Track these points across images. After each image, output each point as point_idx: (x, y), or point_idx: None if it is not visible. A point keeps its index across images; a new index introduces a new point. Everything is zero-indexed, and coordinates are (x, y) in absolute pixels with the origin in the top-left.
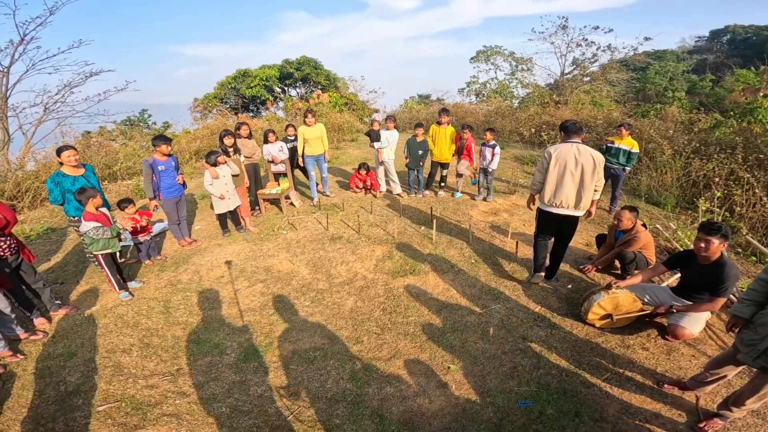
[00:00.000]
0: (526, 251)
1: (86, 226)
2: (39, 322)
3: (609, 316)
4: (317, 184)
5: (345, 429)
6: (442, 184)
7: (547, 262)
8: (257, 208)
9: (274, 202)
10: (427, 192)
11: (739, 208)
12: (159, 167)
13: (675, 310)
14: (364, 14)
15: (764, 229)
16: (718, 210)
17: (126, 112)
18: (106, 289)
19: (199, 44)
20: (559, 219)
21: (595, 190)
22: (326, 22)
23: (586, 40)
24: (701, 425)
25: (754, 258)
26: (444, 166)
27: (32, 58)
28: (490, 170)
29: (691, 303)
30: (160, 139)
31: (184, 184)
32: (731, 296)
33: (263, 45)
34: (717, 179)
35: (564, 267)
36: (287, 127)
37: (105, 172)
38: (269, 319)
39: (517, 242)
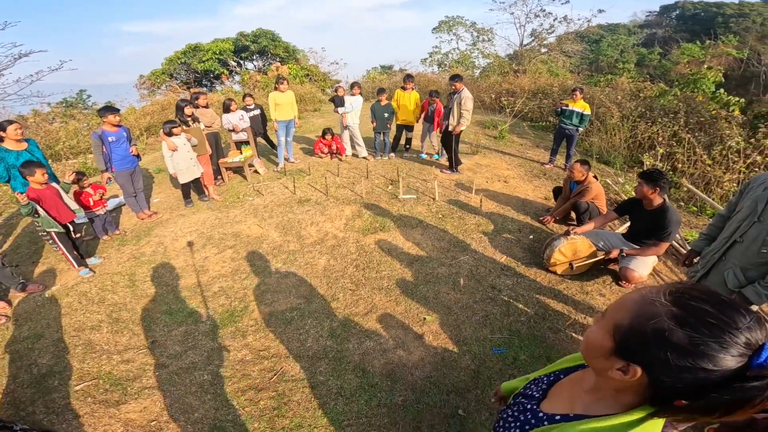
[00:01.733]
0: (490, 206)
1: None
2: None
3: (569, 263)
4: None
5: (329, 385)
6: (408, 146)
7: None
8: (220, 177)
9: (238, 170)
10: (393, 155)
11: (680, 165)
12: (109, 138)
13: (626, 254)
14: None
15: (704, 184)
16: (661, 165)
17: (62, 93)
18: (64, 268)
19: (143, 21)
20: None
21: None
22: None
23: (544, 10)
24: None
25: (695, 208)
26: (409, 129)
27: None
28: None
29: (639, 248)
30: (107, 109)
31: (138, 156)
32: (675, 243)
33: (217, 19)
34: (661, 140)
35: (525, 219)
36: (245, 96)
37: (46, 152)
38: (242, 283)
39: (481, 198)
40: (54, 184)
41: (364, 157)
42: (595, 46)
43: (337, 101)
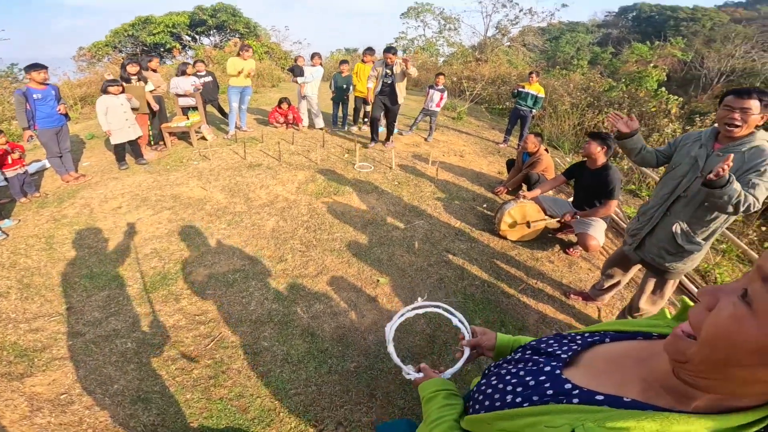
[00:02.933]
0: (446, 176)
1: None
2: None
3: (527, 222)
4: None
5: (275, 351)
6: (366, 120)
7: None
8: (161, 142)
9: (183, 136)
10: (353, 128)
11: (621, 152)
12: (34, 95)
13: (578, 216)
14: None
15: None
16: None
17: None
18: None
19: None
20: None
21: None
22: None
23: (511, 1)
24: None
25: (633, 186)
26: (367, 102)
27: None
28: (435, 112)
29: (588, 210)
30: (32, 66)
31: (66, 115)
32: (616, 217)
33: None
34: (605, 126)
35: (479, 190)
36: (196, 62)
37: None
38: (179, 245)
39: (437, 168)
40: None
41: (320, 128)
42: (555, 42)
43: (297, 71)
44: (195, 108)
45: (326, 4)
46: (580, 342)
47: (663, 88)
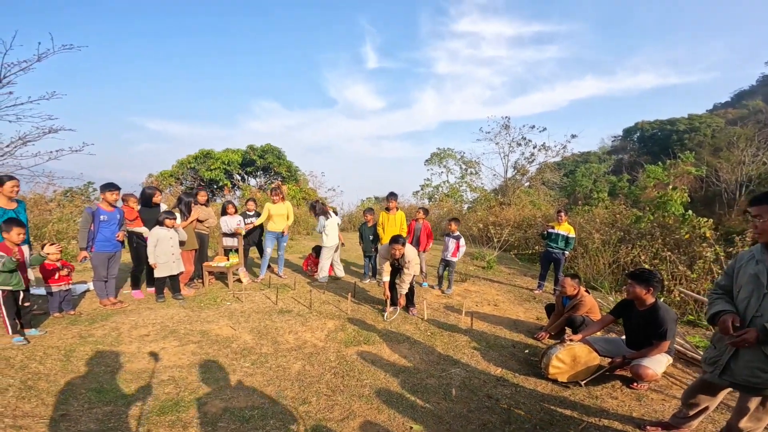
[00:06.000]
0: (481, 325)
1: None
2: None
3: (577, 380)
4: (270, 266)
5: None
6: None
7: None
8: (199, 280)
9: (220, 276)
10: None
11: (667, 283)
12: (101, 216)
13: (628, 357)
14: (333, 110)
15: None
16: None
17: (70, 178)
18: None
19: (165, 120)
20: None
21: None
22: (295, 114)
23: (525, 138)
24: None
25: (692, 317)
26: None
27: None
28: (451, 262)
29: (640, 351)
30: (108, 185)
31: (122, 242)
32: (681, 348)
33: (230, 129)
34: (644, 259)
35: (519, 337)
36: (248, 201)
37: (33, 232)
38: (198, 376)
39: (471, 317)
40: (25, 248)
41: (340, 278)
42: (571, 176)
43: (317, 209)
44: (236, 249)
45: (355, 150)
46: None
47: (690, 211)
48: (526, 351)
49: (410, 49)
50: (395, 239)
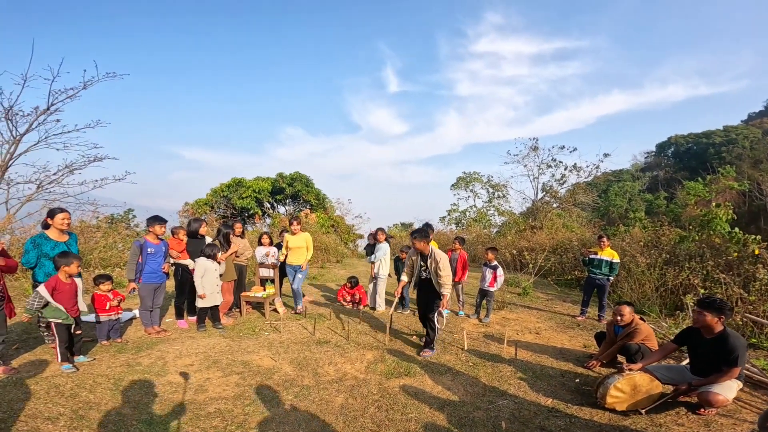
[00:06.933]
0: (525, 355)
1: (42, 290)
2: None
3: (637, 409)
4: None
5: None
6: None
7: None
8: (237, 310)
9: (257, 306)
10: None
11: None
12: (149, 249)
13: (694, 384)
14: (356, 136)
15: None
16: None
17: (113, 206)
18: (48, 359)
19: (199, 148)
20: None
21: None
22: (320, 140)
23: (555, 160)
24: None
25: (754, 339)
26: None
27: (48, 130)
28: (489, 291)
29: (708, 378)
30: (156, 219)
31: (167, 274)
32: (751, 372)
33: (259, 156)
34: (697, 282)
35: (567, 366)
36: (281, 232)
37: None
38: (244, 409)
39: (516, 345)
40: (78, 280)
41: (374, 309)
42: (604, 195)
43: (368, 250)
44: (272, 280)
45: (382, 176)
46: None
47: (736, 229)
48: (577, 380)
49: (430, 71)
50: (415, 232)
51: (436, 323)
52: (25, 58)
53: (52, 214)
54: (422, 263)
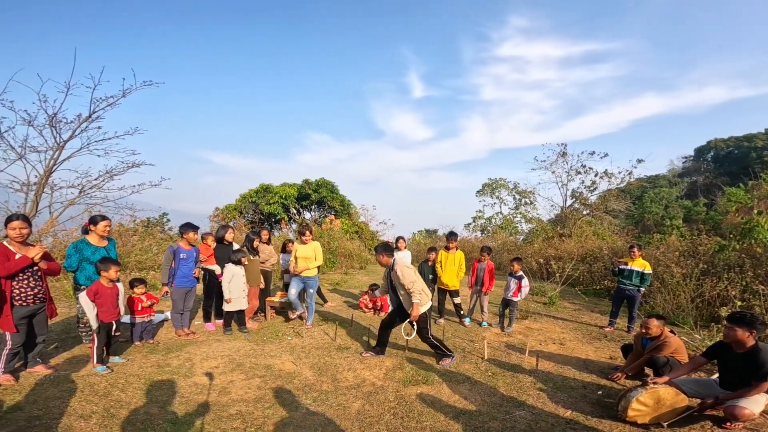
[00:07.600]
0: (547, 365)
1: (83, 299)
2: (5, 378)
3: (659, 421)
4: (325, 301)
5: None
6: (462, 312)
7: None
8: (261, 314)
9: (281, 311)
10: (441, 320)
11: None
12: (181, 255)
13: (721, 398)
14: (380, 142)
15: None
16: None
17: (149, 210)
18: (84, 358)
19: (228, 154)
20: None
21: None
22: (346, 146)
23: (585, 166)
24: None
25: None
26: (453, 293)
27: (90, 137)
28: (512, 301)
29: (737, 392)
30: (188, 226)
31: (197, 278)
32: None
33: (285, 162)
34: (735, 294)
35: (590, 377)
36: (286, 243)
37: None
38: (264, 412)
39: (537, 356)
40: (119, 285)
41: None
42: (638, 202)
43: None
44: None
45: (406, 182)
46: None
47: None
48: (599, 392)
49: (454, 76)
50: (377, 247)
51: (432, 339)
52: (68, 67)
53: (94, 221)
54: (391, 277)
